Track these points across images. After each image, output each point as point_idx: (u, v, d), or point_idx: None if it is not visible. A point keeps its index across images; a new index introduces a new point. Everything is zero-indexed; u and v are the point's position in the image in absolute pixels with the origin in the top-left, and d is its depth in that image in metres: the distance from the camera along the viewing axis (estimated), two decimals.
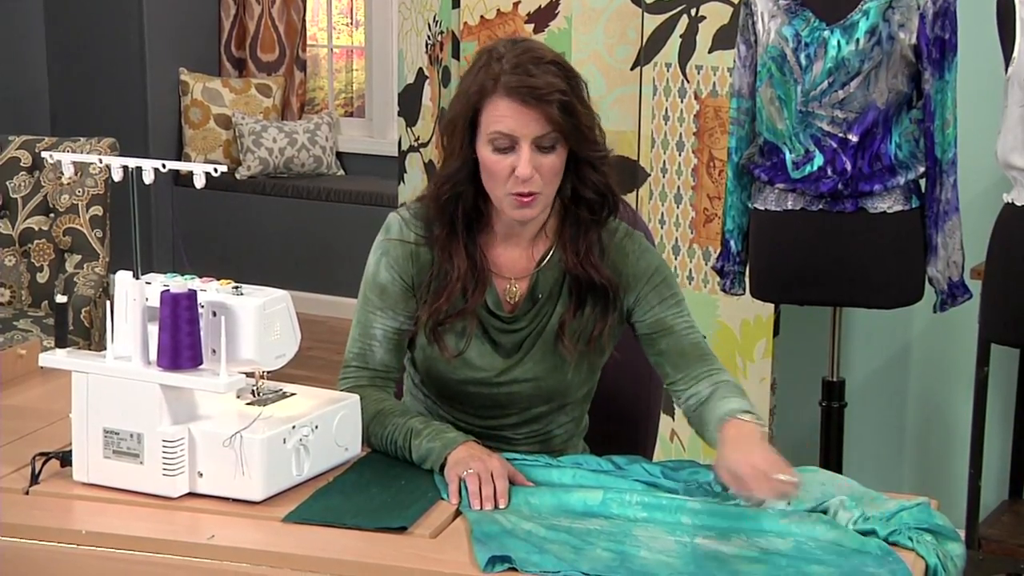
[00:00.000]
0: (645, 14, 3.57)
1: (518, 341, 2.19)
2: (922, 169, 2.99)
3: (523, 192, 2.08)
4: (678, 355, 2.16)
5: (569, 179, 2.15)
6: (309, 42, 6.39)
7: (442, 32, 3.92)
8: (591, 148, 2.12)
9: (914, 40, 2.92)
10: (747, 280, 3.20)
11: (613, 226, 2.21)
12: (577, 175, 2.14)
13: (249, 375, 1.99)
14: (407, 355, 2.26)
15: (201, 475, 1.95)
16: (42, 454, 2.02)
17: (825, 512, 1.92)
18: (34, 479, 1.99)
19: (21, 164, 4.21)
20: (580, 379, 2.23)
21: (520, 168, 2.06)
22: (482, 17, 3.75)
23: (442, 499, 1.96)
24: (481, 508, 1.93)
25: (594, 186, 2.15)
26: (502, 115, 2.06)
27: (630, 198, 3.63)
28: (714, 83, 3.49)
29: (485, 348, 2.19)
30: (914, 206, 3.01)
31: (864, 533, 1.87)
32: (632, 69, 3.61)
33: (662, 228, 3.63)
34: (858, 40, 2.91)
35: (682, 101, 3.55)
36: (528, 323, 2.19)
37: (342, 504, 1.93)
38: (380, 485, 2.00)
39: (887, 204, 2.98)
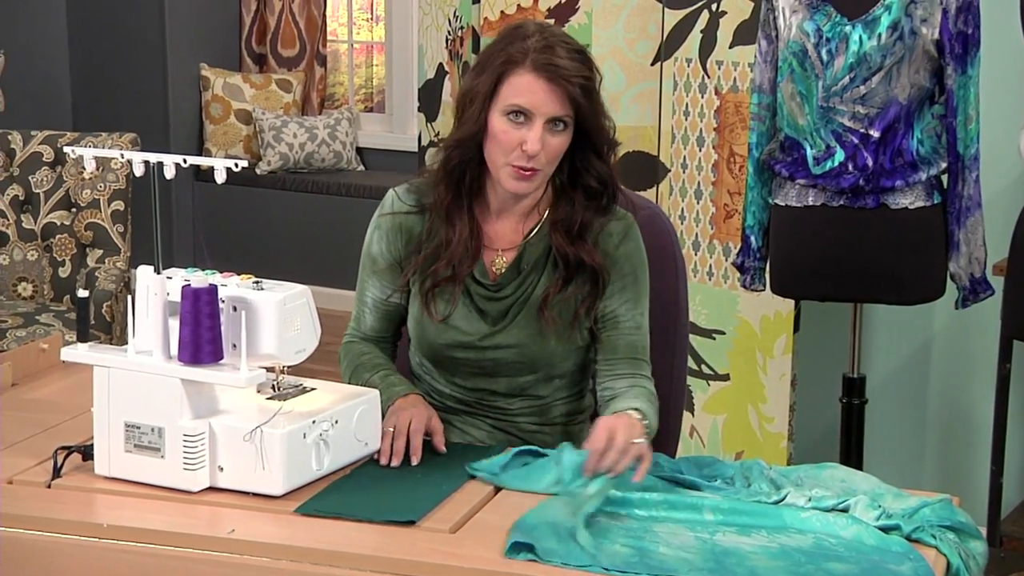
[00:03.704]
0: (665, 9, 3.56)
1: (504, 309, 2.25)
2: (944, 165, 2.97)
3: (525, 166, 2.14)
4: (610, 350, 2.25)
5: (567, 162, 2.21)
6: (329, 37, 6.40)
7: (462, 27, 3.91)
8: (601, 135, 2.20)
9: (936, 35, 2.90)
10: (767, 276, 3.19)
11: (620, 214, 2.27)
12: (581, 161, 2.21)
13: (269, 370, 2.00)
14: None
15: (222, 469, 1.95)
16: (64, 448, 2.03)
17: (846, 510, 1.92)
18: (56, 473, 2.00)
19: (43, 159, 4.23)
20: (564, 350, 2.26)
21: (530, 143, 2.12)
22: (502, 12, 3.74)
23: (458, 493, 1.96)
24: (389, 465, 2.03)
25: (597, 174, 2.22)
26: (525, 88, 2.13)
27: (650, 194, 3.63)
28: (735, 78, 3.48)
29: (472, 315, 2.25)
30: (936, 202, 2.99)
31: (887, 529, 1.86)
32: (652, 64, 3.60)
33: (682, 224, 3.62)
34: (880, 35, 2.90)
35: (702, 96, 3.54)
36: (512, 292, 2.25)
37: (355, 497, 1.94)
38: (396, 479, 2.01)
39: (909, 200, 2.97)
